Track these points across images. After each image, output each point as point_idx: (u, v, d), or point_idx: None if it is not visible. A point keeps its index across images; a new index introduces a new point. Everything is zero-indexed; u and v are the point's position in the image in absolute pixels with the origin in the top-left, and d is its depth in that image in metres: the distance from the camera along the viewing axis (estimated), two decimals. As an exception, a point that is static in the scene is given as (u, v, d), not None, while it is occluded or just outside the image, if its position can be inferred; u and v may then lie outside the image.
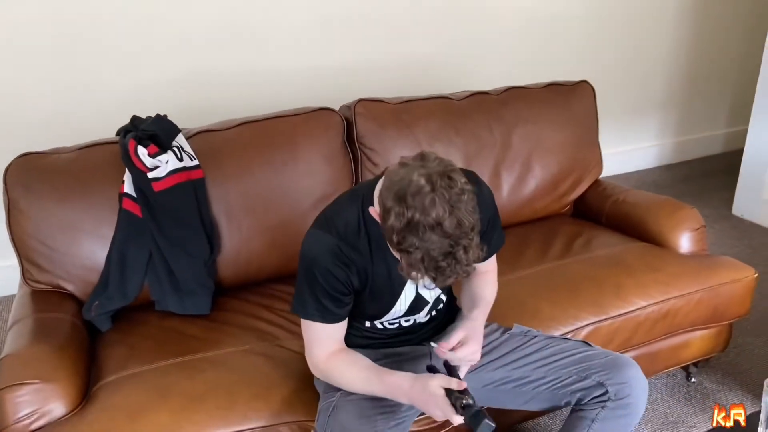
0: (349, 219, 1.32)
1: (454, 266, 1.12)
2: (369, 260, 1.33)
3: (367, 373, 1.36)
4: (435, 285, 1.19)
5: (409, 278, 1.19)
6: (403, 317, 1.47)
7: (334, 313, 1.35)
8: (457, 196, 1.12)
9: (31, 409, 1.43)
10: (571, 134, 2.31)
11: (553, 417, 2.03)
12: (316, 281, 1.31)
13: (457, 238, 1.11)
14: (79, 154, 1.85)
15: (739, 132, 4.12)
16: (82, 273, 1.80)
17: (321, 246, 1.30)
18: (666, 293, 1.86)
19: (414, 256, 1.12)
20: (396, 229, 1.12)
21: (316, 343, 1.39)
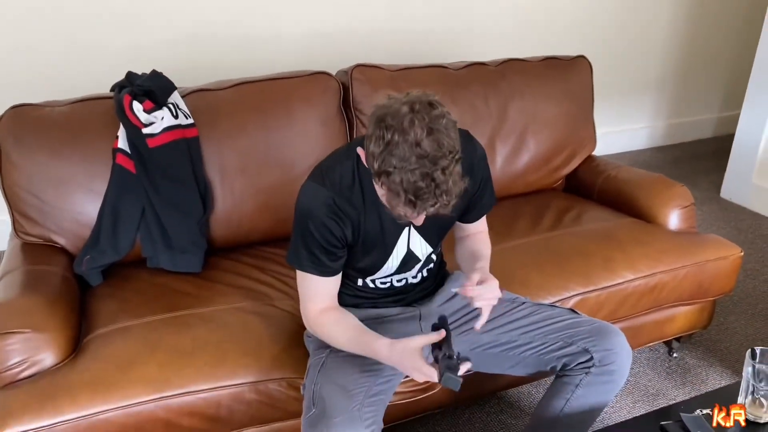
0: (344, 172, 1.33)
1: (434, 190, 1.12)
2: (362, 214, 1.34)
3: (352, 334, 1.37)
4: (415, 213, 1.17)
5: (392, 212, 1.19)
6: (394, 275, 1.48)
7: (327, 266, 1.36)
8: (436, 119, 1.13)
9: (22, 358, 1.44)
10: (566, 109, 2.31)
11: (537, 385, 2.06)
12: (310, 234, 1.32)
13: (435, 159, 1.11)
14: (73, 107, 1.84)
15: (731, 117, 4.14)
16: (74, 227, 1.80)
17: (316, 199, 1.32)
18: (653, 267, 1.89)
19: (393, 178, 1.12)
20: (376, 154, 1.13)
21: (309, 297, 1.41)
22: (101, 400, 1.40)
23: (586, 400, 1.50)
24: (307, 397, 1.36)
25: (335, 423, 1.24)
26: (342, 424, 1.24)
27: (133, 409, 1.42)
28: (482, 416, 1.96)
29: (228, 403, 1.48)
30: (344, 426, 1.24)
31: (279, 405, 1.52)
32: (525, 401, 2.02)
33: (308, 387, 1.38)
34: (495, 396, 2.03)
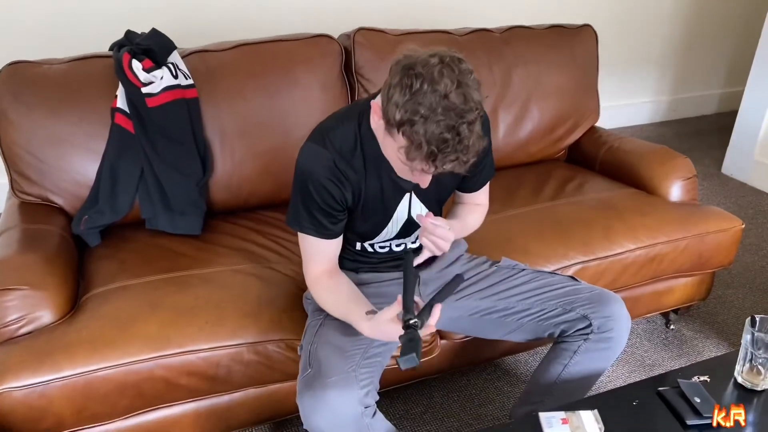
0: (345, 134, 1.31)
1: (456, 144, 1.10)
2: (363, 177, 1.32)
3: (341, 308, 1.36)
4: (433, 167, 1.13)
5: (409, 165, 1.16)
6: (393, 240, 1.47)
7: (327, 228, 1.35)
8: (465, 73, 1.11)
9: (19, 315, 1.43)
10: (571, 78, 2.29)
11: (533, 353, 2.07)
12: (309, 196, 1.30)
13: (462, 112, 1.09)
14: (71, 66, 1.81)
15: (734, 93, 4.12)
16: (72, 187, 1.78)
17: (316, 160, 1.29)
18: (654, 238, 1.88)
19: (417, 128, 1.09)
20: (400, 103, 1.10)
21: (309, 258, 1.40)
22: (99, 357, 1.40)
23: (584, 366, 1.50)
24: (303, 357, 1.36)
25: (331, 383, 1.24)
26: (337, 384, 1.24)
27: (131, 367, 1.42)
28: (479, 383, 1.97)
29: (227, 363, 1.48)
30: (339, 386, 1.24)
31: (277, 366, 1.52)
32: (521, 368, 2.03)
33: (305, 348, 1.38)
34: (491, 363, 2.04)
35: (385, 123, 1.16)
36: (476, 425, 1.82)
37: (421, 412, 1.86)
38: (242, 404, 1.59)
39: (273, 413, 1.64)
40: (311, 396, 1.24)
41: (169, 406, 1.52)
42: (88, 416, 1.44)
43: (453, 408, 1.88)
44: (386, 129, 1.17)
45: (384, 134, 1.19)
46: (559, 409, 1.26)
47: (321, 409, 1.22)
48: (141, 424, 1.53)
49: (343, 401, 1.23)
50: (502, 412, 1.86)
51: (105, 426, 1.49)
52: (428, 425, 1.82)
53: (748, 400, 1.32)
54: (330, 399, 1.22)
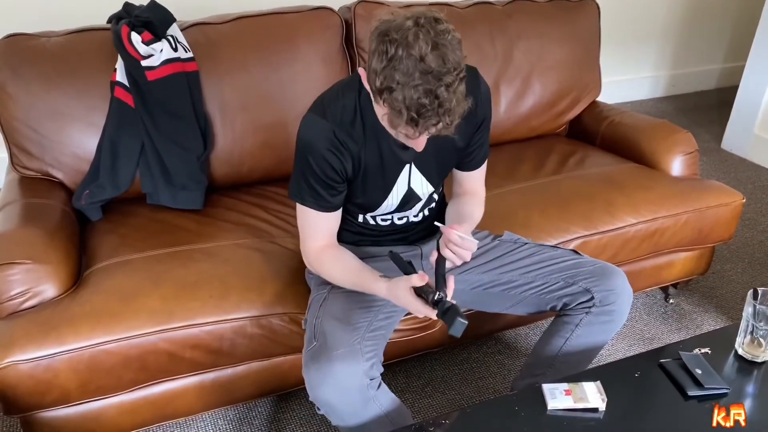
0: (345, 105, 1.30)
1: (437, 108, 1.08)
2: (363, 148, 1.32)
3: (352, 272, 1.37)
4: (417, 133, 1.12)
5: (394, 133, 1.16)
6: (395, 213, 1.47)
7: (327, 201, 1.34)
8: (441, 34, 1.08)
9: (23, 288, 1.43)
10: (572, 52, 2.27)
11: (534, 327, 2.09)
12: (310, 167, 1.30)
13: (439, 75, 1.06)
14: (69, 38, 1.79)
15: (734, 68, 4.10)
16: (72, 161, 1.77)
17: (316, 131, 1.29)
18: (655, 212, 1.88)
19: (395, 95, 1.07)
20: (378, 70, 1.09)
21: (309, 233, 1.40)
22: (103, 331, 1.41)
23: (585, 339, 1.51)
24: (308, 330, 1.36)
25: (336, 355, 1.24)
26: (343, 357, 1.25)
27: (135, 340, 1.42)
28: (479, 356, 1.99)
29: (231, 337, 1.49)
30: (345, 358, 1.25)
31: (280, 339, 1.53)
32: (522, 342, 2.04)
33: (309, 321, 1.39)
34: (492, 337, 2.06)
35: (370, 91, 1.16)
36: (477, 398, 1.84)
37: (422, 385, 1.87)
38: (246, 377, 1.60)
39: (276, 386, 1.66)
40: (317, 369, 1.24)
41: (173, 379, 1.53)
42: (93, 389, 1.45)
43: (454, 381, 1.90)
44: (372, 97, 1.17)
45: (374, 102, 1.19)
46: (562, 380, 1.27)
47: (327, 381, 1.23)
48: (146, 397, 1.54)
49: (349, 373, 1.24)
50: (502, 385, 1.88)
51: (110, 399, 1.50)
52: (429, 398, 1.84)
53: (748, 372, 1.33)
54: (336, 371, 1.23)
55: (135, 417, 1.56)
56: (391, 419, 1.30)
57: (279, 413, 1.78)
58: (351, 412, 1.27)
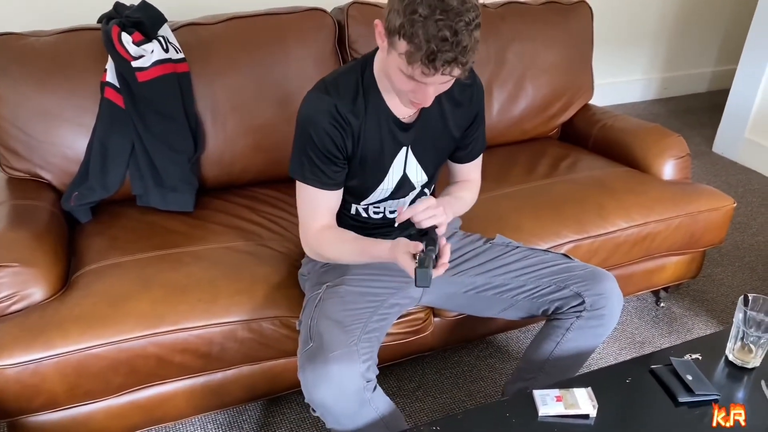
0: (348, 82, 1.33)
1: (454, 46, 1.11)
2: (363, 125, 1.34)
3: (354, 245, 1.39)
4: (431, 70, 1.14)
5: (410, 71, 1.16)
6: (387, 201, 1.47)
7: (328, 177, 1.35)
8: None
9: (10, 292, 1.42)
10: (565, 55, 2.27)
11: (525, 331, 2.08)
12: (311, 142, 1.31)
13: (460, 12, 1.10)
14: (59, 38, 1.78)
15: (726, 71, 4.12)
16: (62, 162, 1.76)
17: (318, 105, 1.31)
18: (647, 216, 1.89)
19: (416, 30, 1.10)
20: (400, 9, 1.12)
21: (309, 214, 1.40)
22: (92, 335, 1.39)
23: (576, 343, 1.51)
24: (303, 332, 1.36)
25: (334, 357, 1.24)
26: (340, 358, 1.24)
27: (124, 344, 1.41)
28: (471, 359, 1.98)
29: (221, 341, 1.47)
30: (342, 360, 1.24)
31: (271, 343, 1.52)
32: (513, 346, 2.04)
33: (304, 322, 1.38)
34: (484, 340, 2.05)
35: (387, 36, 1.18)
36: (468, 401, 1.84)
37: (413, 389, 1.87)
38: (236, 381, 1.59)
39: (267, 390, 1.65)
40: (313, 370, 1.24)
41: (162, 383, 1.52)
42: (82, 393, 1.44)
43: (445, 384, 1.89)
44: (388, 41, 1.18)
45: (387, 52, 1.20)
46: (554, 386, 1.27)
47: (324, 382, 1.22)
48: (135, 401, 1.53)
49: (346, 375, 1.23)
50: (494, 389, 1.88)
51: (99, 403, 1.49)
52: (421, 401, 1.83)
53: (738, 378, 1.33)
54: (333, 373, 1.22)
55: (124, 421, 1.55)
56: (386, 423, 1.29)
57: (269, 417, 1.77)
58: (347, 415, 1.26)
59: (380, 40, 1.22)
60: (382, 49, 1.24)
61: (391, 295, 1.47)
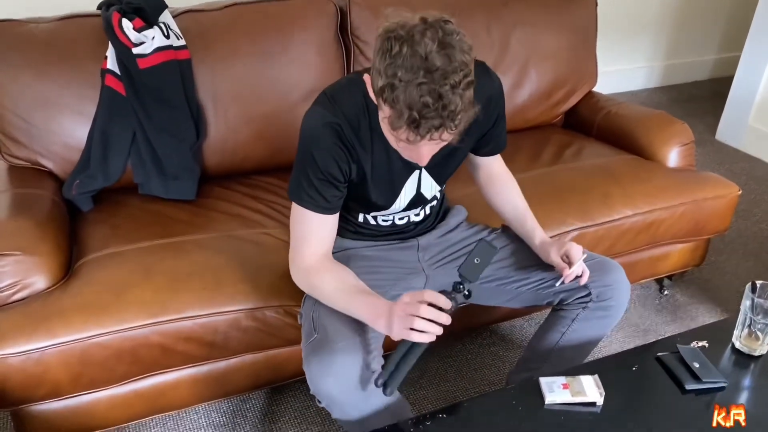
0: (353, 102, 1.25)
1: (440, 109, 1.02)
2: (369, 150, 1.27)
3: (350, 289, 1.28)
4: (418, 137, 1.06)
5: (395, 138, 1.10)
6: (398, 213, 1.45)
7: (327, 200, 1.28)
8: (450, 34, 1.04)
9: (13, 280, 1.41)
10: (569, 41, 2.25)
11: (529, 319, 2.08)
12: (312, 161, 1.24)
13: (445, 74, 1.01)
14: (58, 25, 1.76)
15: (728, 59, 4.09)
16: (62, 151, 1.74)
17: (323, 124, 1.23)
18: (651, 204, 1.87)
19: (397, 94, 1.02)
20: (381, 69, 1.04)
21: (304, 240, 1.31)
22: (95, 323, 1.38)
23: (582, 333, 1.50)
24: (306, 323, 1.34)
25: (339, 348, 1.23)
26: (346, 349, 1.23)
27: (127, 333, 1.40)
28: (474, 348, 1.98)
29: (224, 330, 1.47)
30: (347, 351, 1.23)
31: (275, 332, 1.51)
32: (517, 334, 2.04)
33: (306, 314, 1.37)
34: (487, 329, 2.05)
35: (373, 96, 1.11)
36: (472, 390, 1.84)
37: (417, 377, 1.86)
38: (240, 370, 1.59)
39: (271, 378, 1.64)
40: (319, 361, 1.23)
41: (166, 371, 1.52)
42: (86, 382, 1.43)
43: (449, 373, 1.89)
44: (375, 101, 1.11)
45: (377, 105, 1.13)
46: (560, 374, 1.26)
47: (329, 373, 1.21)
48: (138, 390, 1.52)
49: (351, 366, 1.22)
50: (497, 377, 1.88)
51: (102, 392, 1.48)
52: (424, 390, 1.83)
53: (745, 366, 1.33)
54: (338, 363, 1.21)
55: (128, 410, 1.55)
56: (391, 412, 1.28)
57: (273, 405, 1.77)
58: (352, 405, 1.25)
59: (371, 93, 1.13)
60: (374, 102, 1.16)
61: (392, 286, 1.46)
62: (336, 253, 1.46)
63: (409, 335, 1.13)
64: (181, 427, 1.70)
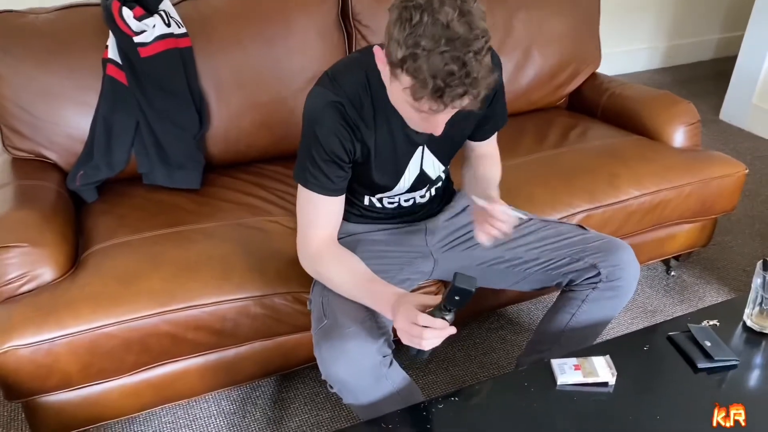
0: (355, 82, 1.24)
1: (464, 78, 1.02)
2: (372, 128, 1.27)
3: (356, 276, 1.28)
4: (442, 105, 1.06)
5: (417, 108, 1.10)
6: (403, 195, 1.44)
7: (332, 182, 1.28)
8: (467, 2, 1.03)
9: (20, 272, 1.40)
10: (572, 23, 2.23)
11: (536, 302, 2.08)
12: (317, 142, 1.23)
13: (467, 42, 1.01)
14: (59, 15, 1.75)
15: (731, 38, 4.06)
16: (66, 142, 1.74)
17: (325, 104, 1.22)
18: (659, 184, 1.87)
19: (420, 64, 1.01)
20: (401, 40, 1.03)
21: (310, 221, 1.32)
22: (103, 313, 1.38)
23: (592, 314, 1.50)
24: (315, 309, 1.34)
25: (349, 333, 1.22)
26: (356, 334, 1.22)
27: (136, 323, 1.40)
28: (482, 332, 1.98)
29: (233, 317, 1.46)
30: (358, 336, 1.23)
31: (284, 319, 1.51)
32: (525, 318, 2.03)
33: (315, 300, 1.36)
34: (495, 313, 2.05)
35: (389, 65, 1.10)
36: (481, 373, 1.84)
37: (426, 362, 1.86)
38: (249, 357, 1.59)
39: (280, 365, 1.64)
40: (330, 346, 1.22)
41: (176, 360, 1.52)
42: (95, 372, 1.43)
43: (458, 357, 1.89)
44: (391, 72, 1.10)
45: (390, 80, 1.13)
46: (571, 355, 1.26)
47: (340, 358, 1.21)
48: (148, 380, 1.52)
49: (362, 350, 1.22)
50: (506, 361, 1.88)
51: (112, 382, 1.48)
52: (434, 374, 1.83)
53: (756, 343, 1.33)
54: (349, 348, 1.21)
55: (138, 399, 1.55)
56: (402, 397, 1.28)
57: (283, 392, 1.77)
58: (364, 390, 1.25)
59: (382, 66, 1.14)
60: (384, 74, 1.15)
61: (400, 270, 1.46)
62: (343, 238, 1.46)
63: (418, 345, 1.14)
64: (191, 416, 1.70)
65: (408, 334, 1.13)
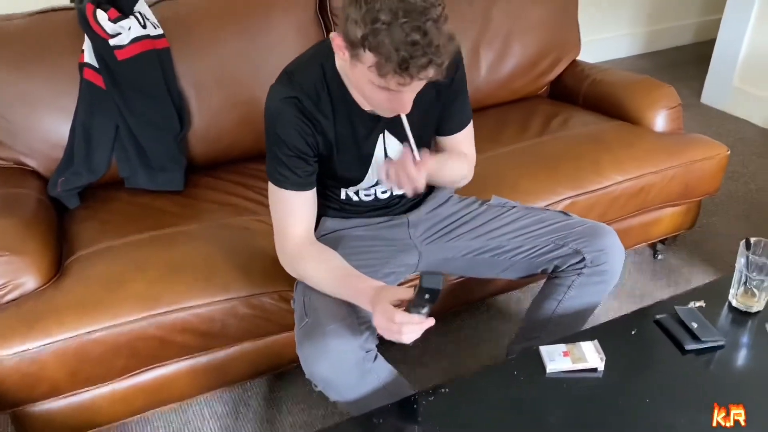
0: (311, 76, 1.25)
1: (426, 47, 1.03)
2: (332, 120, 1.28)
3: (338, 272, 1.28)
4: (407, 78, 1.06)
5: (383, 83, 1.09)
6: (377, 186, 1.44)
7: (300, 177, 1.28)
8: None
9: (2, 281, 1.39)
10: (551, 11, 2.23)
11: (525, 291, 2.08)
12: (279, 140, 1.25)
13: (424, 10, 1.02)
14: (32, 20, 1.73)
15: (710, 21, 4.08)
16: (45, 148, 1.72)
17: (283, 101, 1.24)
18: (641, 169, 1.87)
19: (381, 39, 1.02)
20: (358, 19, 1.04)
21: (285, 221, 1.32)
22: (90, 320, 1.37)
23: (578, 300, 1.50)
24: (298, 308, 1.34)
25: (330, 330, 1.22)
26: (337, 332, 1.22)
27: (123, 327, 1.39)
28: (472, 323, 1.98)
29: (221, 318, 1.46)
30: (339, 333, 1.22)
31: (272, 318, 1.50)
32: (514, 307, 2.04)
33: (298, 299, 1.36)
34: (484, 303, 2.05)
35: (349, 49, 1.10)
36: (473, 364, 1.84)
37: (418, 355, 1.87)
38: (239, 358, 1.58)
39: (271, 365, 1.64)
40: (311, 345, 1.22)
41: (165, 364, 1.51)
42: (84, 379, 1.42)
43: (449, 349, 1.89)
44: (351, 54, 1.10)
45: (351, 63, 1.13)
46: (560, 341, 1.26)
47: (322, 357, 1.21)
48: (138, 384, 1.51)
49: (344, 348, 1.22)
50: (497, 350, 1.88)
51: (102, 388, 1.48)
52: (425, 367, 1.83)
53: (743, 323, 1.34)
54: (331, 346, 1.21)
55: (129, 405, 1.54)
56: (389, 391, 1.28)
57: (275, 392, 1.77)
58: (349, 387, 1.25)
59: (340, 53, 1.14)
60: (344, 62, 1.15)
61: (384, 264, 1.45)
62: (325, 236, 1.46)
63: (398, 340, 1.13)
64: (183, 420, 1.69)
65: (387, 331, 1.13)
